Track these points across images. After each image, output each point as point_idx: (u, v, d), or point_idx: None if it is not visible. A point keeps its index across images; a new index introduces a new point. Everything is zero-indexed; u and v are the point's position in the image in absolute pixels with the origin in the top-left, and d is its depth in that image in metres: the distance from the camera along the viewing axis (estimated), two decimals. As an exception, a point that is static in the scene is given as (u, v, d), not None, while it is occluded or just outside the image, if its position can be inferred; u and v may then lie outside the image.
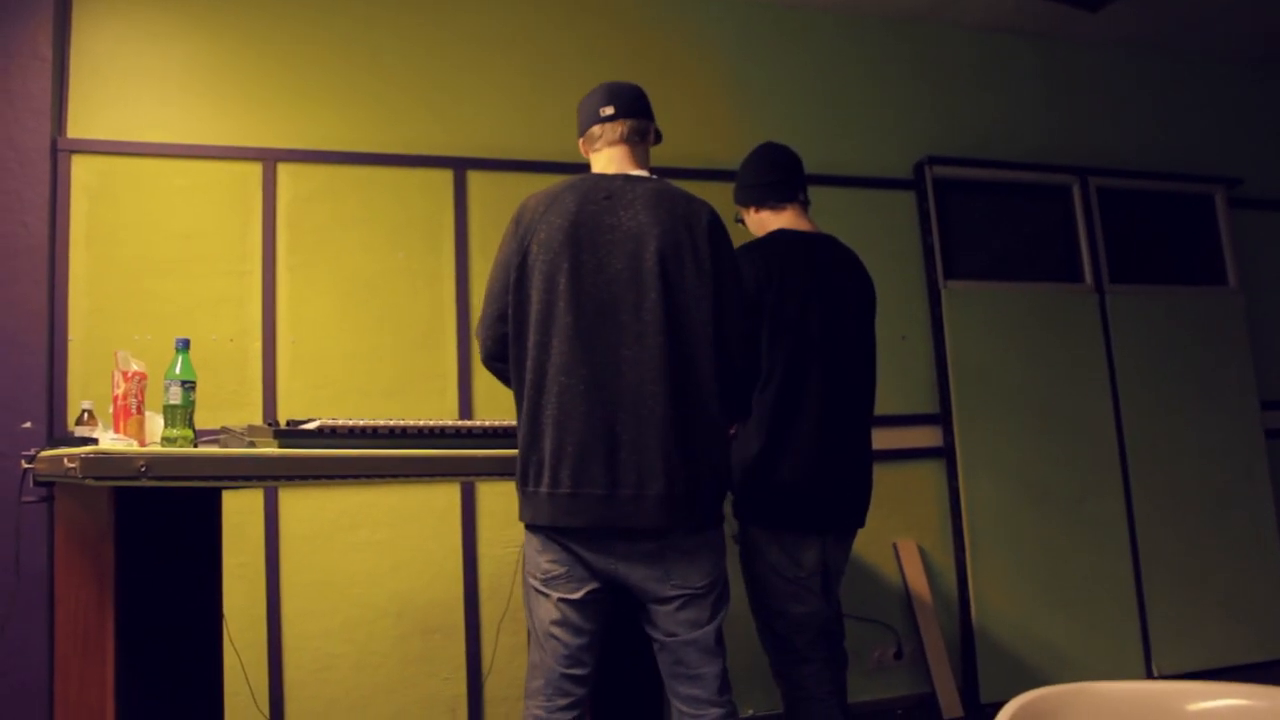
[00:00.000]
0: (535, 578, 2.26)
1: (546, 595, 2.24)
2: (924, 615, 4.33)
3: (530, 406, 2.22)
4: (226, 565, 2.61)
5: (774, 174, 2.97)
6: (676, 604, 2.24)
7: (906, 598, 4.36)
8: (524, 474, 2.24)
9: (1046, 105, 5.05)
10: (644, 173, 2.41)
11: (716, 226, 2.34)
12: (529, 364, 2.23)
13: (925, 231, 4.63)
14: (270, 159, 3.81)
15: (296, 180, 3.83)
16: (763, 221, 2.97)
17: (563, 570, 2.22)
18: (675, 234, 2.27)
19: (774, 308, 2.74)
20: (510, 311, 2.27)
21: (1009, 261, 4.83)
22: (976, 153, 4.81)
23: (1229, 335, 5.02)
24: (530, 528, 2.27)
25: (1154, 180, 5.10)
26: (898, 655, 4.30)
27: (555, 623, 2.23)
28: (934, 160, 4.65)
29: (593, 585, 2.23)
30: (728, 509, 2.39)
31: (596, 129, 2.43)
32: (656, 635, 2.29)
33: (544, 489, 2.19)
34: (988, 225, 4.85)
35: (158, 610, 2.33)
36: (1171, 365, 4.87)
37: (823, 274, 2.84)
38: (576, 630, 2.23)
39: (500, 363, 2.34)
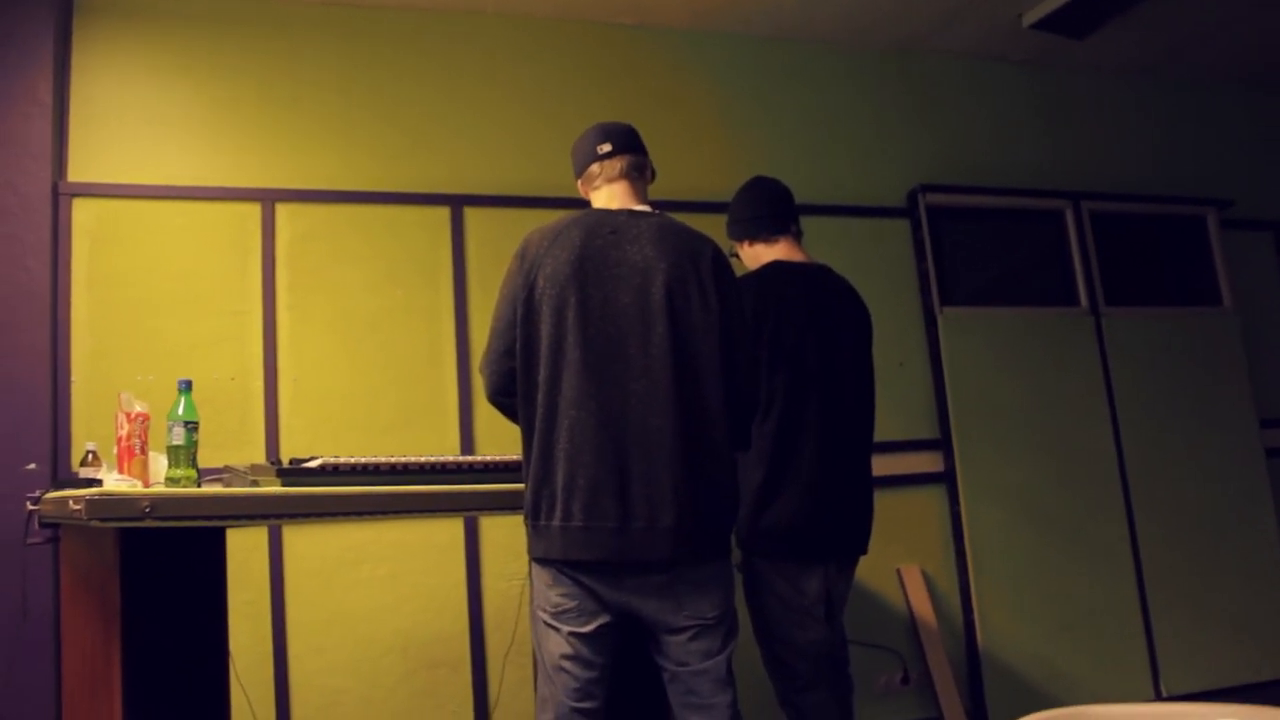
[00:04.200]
0: (545, 611, 2.26)
1: (556, 629, 2.23)
2: (929, 640, 4.33)
3: (541, 440, 2.22)
4: (232, 603, 2.61)
5: (765, 207, 3.00)
6: (689, 634, 2.24)
7: (911, 623, 4.36)
8: (535, 508, 2.23)
9: (1038, 131, 5.08)
10: (646, 207, 2.43)
11: (720, 260, 2.37)
12: (539, 398, 2.23)
13: (920, 259, 4.66)
14: (269, 199, 3.84)
15: (295, 219, 3.87)
16: (757, 254, 2.99)
17: (573, 604, 2.22)
18: (681, 268, 2.29)
19: (771, 339, 2.75)
20: (519, 346, 2.27)
21: (1004, 286, 4.86)
22: (970, 179, 4.85)
23: (1225, 355, 5.04)
24: (540, 561, 2.26)
25: (1146, 203, 5.13)
26: (904, 680, 4.30)
27: (565, 656, 2.22)
28: (927, 188, 4.69)
29: (603, 619, 2.23)
30: (732, 540, 2.41)
31: (595, 167, 2.45)
32: (667, 665, 2.29)
33: (556, 522, 2.18)
34: (982, 251, 4.88)
35: (164, 650, 2.33)
36: (1169, 386, 4.88)
37: (818, 304, 2.86)
38: (586, 664, 2.23)
39: (507, 398, 2.34)
